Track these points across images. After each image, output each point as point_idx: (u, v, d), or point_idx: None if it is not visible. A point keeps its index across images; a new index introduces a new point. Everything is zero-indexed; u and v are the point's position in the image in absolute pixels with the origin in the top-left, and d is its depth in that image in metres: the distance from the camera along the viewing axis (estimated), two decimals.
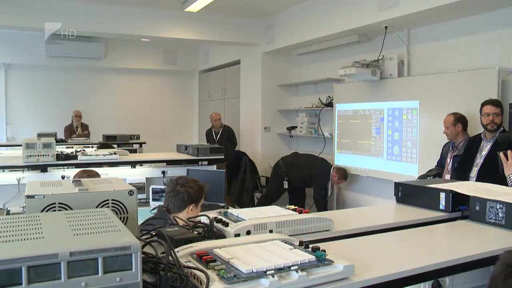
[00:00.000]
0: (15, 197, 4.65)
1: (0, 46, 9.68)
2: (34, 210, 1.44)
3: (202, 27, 8.09)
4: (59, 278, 1.01)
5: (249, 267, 1.30)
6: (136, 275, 1.08)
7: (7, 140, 9.94)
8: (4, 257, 0.96)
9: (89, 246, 1.04)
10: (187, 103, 11.81)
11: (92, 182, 1.68)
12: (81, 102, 10.37)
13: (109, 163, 4.85)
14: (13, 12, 6.95)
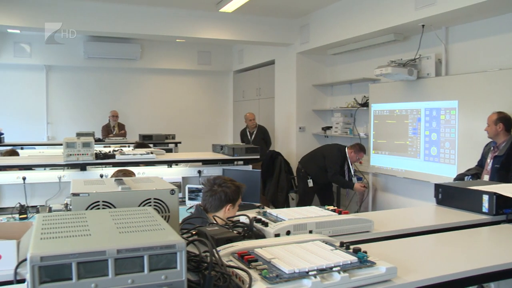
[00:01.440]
0: (56, 195, 4.77)
1: (42, 48, 9.96)
2: (79, 208, 1.47)
3: (237, 27, 8.12)
4: (107, 274, 1.03)
5: (291, 267, 1.29)
6: (181, 274, 1.08)
7: (47, 140, 10.23)
8: (56, 252, 0.99)
9: (135, 244, 1.05)
10: (222, 103, 11.88)
11: (133, 181, 1.70)
12: (118, 102, 10.59)
13: (146, 162, 4.91)
14: (53, 16, 7.14)
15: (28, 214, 4.46)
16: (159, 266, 1.07)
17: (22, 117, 10.13)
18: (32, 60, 10.04)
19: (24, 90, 10.22)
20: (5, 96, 10.05)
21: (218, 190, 2.88)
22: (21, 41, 9.86)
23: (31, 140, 9.31)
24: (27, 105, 10.24)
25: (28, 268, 0.97)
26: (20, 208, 4.48)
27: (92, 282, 1.01)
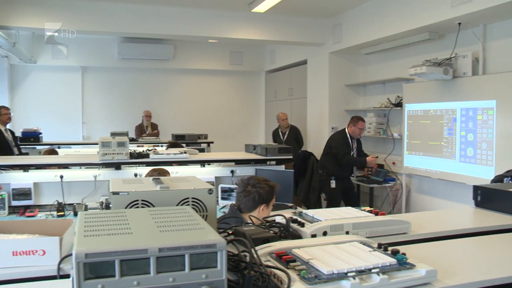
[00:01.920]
0: (92, 193, 4.86)
1: (78, 50, 10.22)
2: (118, 206, 1.49)
3: (269, 27, 8.13)
4: (149, 272, 1.04)
5: (330, 268, 1.28)
6: (221, 273, 1.09)
7: (83, 139, 10.46)
8: (100, 250, 1.01)
9: (176, 243, 1.06)
10: (254, 103, 11.91)
11: (171, 180, 1.72)
12: (151, 102, 10.74)
13: (179, 162, 4.96)
14: (88, 18, 7.29)
15: (65, 211, 4.56)
16: (200, 265, 1.08)
17: (59, 117, 10.39)
18: (69, 62, 10.29)
19: (61, 91, 10.48)
20: (43, 97, 10.33)
21: (252, 190, 2.88)
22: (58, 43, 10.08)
23: (67, 139, 9.53)
24: (64, 105, 10.50)
25: (74, 264, 0.99)
26: (57, 205, 4.60)
27: (134, 280, 1.03)
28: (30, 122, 9.20)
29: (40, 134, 8.19)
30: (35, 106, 10.25)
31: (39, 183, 4.79)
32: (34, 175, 4.80)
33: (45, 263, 1.54)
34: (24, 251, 1.53)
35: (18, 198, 4.69)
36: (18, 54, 8.78)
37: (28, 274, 1.53)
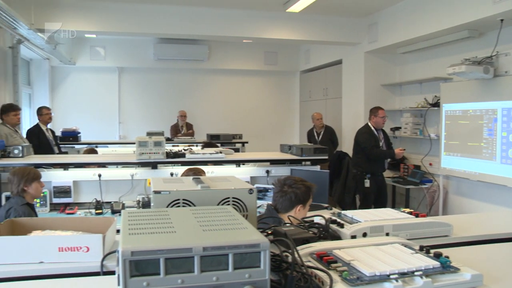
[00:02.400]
0: (128, 192, 4.95)
1: (115, 51, 10.44)
2: (160, 205, 1.51)
3: (304, 27, 8.10)
4: (193, 271, 1.05)
5: (372, 270, 1.27)
6: (264, 273, 1.09)
7: (119, 138, 10.66)
8: (145, 248, 1.02)
9: (220, 242, 1.07)
10: (288, 103, 11.88)
11: (211, 180, 1.73)
12: (186, 102, 10.85)
13: (214, 161, 4.99)
14: (125, 20, 7.42)
15: (103, 209, 4.66)
16: (243, 265, 1.08)
17: (96, 116, 10.62)
18: (106, 63, 10.51)
19: (98, 91, 10.71)
20: (82, 97, 10.58)
21: (289, 191, 2.87)
22: (97, 45, 10.34)
23: (104, 139, 9.73)
24: (101, 105, 10.72)
25: (120, 261, 1.01)
26: (96, 203, 4.71)
27: (178, 278, 1.04)
28: (69, 122, 9.42)
29: (79, 134, 8.38)
30: (74, 106, 10.50)
31: (79, 182, 4.91)
32: (74, 173, 4.93)
33: (89, 259, 1.58)
34: (69, 247, 1.57)
35: (58, 196, 4.82)
36: (58, 56, 9.01)
37: (72, 270, 1.57)
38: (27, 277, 1.54)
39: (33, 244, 1.59)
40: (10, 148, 4.81)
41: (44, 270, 1.57)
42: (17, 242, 1.60)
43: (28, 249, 1.58)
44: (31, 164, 4.50)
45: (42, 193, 4.21)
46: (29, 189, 3.85)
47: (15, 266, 1.58)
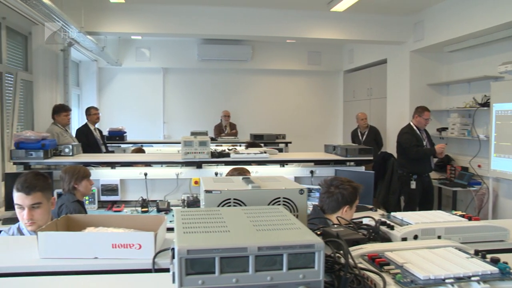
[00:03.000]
0: (173, 191, 5.02)
1: (160, 52, 10.64)
2: (211, 204, 1.53)
3: (348, 26, 8.01)
4: (247, 270, 1.05)
5: (426, 273, 1.24)
6: (319, 273, 1.09)
7: (164, 138, 10.85)
8: (201, 246, 1.03)
9: (275, 242, 1.07)
10: (331, 103, 11.79)
11: (260, 180, 1.73)
12: (229, 102, 10.93)
13: (258, 161, 5.00)
14: (170, 21, 7.55)
15: (149, 207, 4.74)
16: (297, 265, 1.08)
17: (141, 116, 10.84)
18: (151, 64, 10.71)
19: (143, 92, 10.93)
20: (128, 97, 10.83)
21: (335, 191, 2.85)
22: (142, 47, 10.55)
23: (149, 138, 9.92)
24: (146, 105, 10.94)
25: (176, 260, 1.03)
26: (142, 201, 4.79)
27: (233, 277, 1.05)
28: (115, 122, 9.64)
29: (125, 133, 8.57)
30: (120, 106, 10.75)
31: (125, 180, 5.02)
32: (121, 172, 5.04)
33: (140, 256, 1.61)
34: (122, 244, 1.60)
35: (106, 194, 4.95)
36: (106, 57, 9.24)
37: (125, 266, 1.60)
38: (82, 272, 1.59)
39: (88, 240, 1.63)
40: (61, 147, 4.97)
41: (98, 265, 1.61)
42: (73, 238, 1.64)
43: (84, 244, 1.63)
44: (80, 163, 4.64)
45: (91, 191, 4.32)
46: (79, 187, 3.97)
47: (71, 261, 1.63)
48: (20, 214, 2.54)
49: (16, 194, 2.53)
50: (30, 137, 4.64)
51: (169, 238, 1.81)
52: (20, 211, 2.53)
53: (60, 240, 1.63)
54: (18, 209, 2.54)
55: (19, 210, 2.54)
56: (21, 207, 2.53)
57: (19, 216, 2.55)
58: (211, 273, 1.04)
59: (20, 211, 2.54)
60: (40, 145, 4.66)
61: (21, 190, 2.52)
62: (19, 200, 2.53)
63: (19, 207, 2.53)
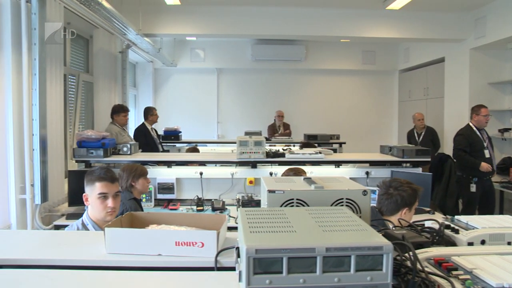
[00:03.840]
0: (228, 190, 5.07)
1: (214, 53, 10.80)
2: (274, 204, 1.53)
3: (404, 24, 7.83)
4: (315, 271, 1.05)
5: (499, 281, 1.20)
6: (386, 276, 1.07)
7: (217, 138, 10.98)
8: (269, 246, 1.04)
9: (343, 243, 1.06)
10: (386, 103, 11.56)
11: (322, 180, 1.72)
12: (283, 102, 10.94)
13: (313, 161, 4.97)
14: (224, 22, 7.63)
15: (204, 206, 4.80)
16: (365, 267, 1.06)
17: (196, 116, 11.02)
18: (205, 64, 10.87)
19: (198, 92, 11.11)
20: (183, 98, 11.03)
21: (394, 193, 2.80)
22: (196, 47, 10.73)
23: (203, 138, 10.07)
24: (201, 105, 11.11)
25: (244, 259, 1.03)
26: (197, 200, 4.86)
27: (300, 278, 1.04)
28: (170, 121, 9.84)
29: (180, 133, 8.72)
30: (175, 106, 10.96)
31: (181, 179, 5.11)
32: (177, 171, 5.13)
33: (203, 254, 1.63)
34: (185, 242, 1.63)
35: (162, 192, 5.06)
36: (161, 58, 9.45)
37: (188, 264, 1.63)
38: (146, 268, 1.63)
39: (152, 237, 1.68)
40: (119, 146, 5.13)
41: (161, 262, 1.65)
42: (138, 235, 1.69)
43: (148, 241, 1.67)
44: (138, 161, 4.76)
45: (148, 189, 4.42)
46: (136, 185, 4.07)
47: (136, 257, 1.67)
48: (103, 204, 2.63)
49: (100, 184, 2.63)
50: (91, 136, 4.81)
51: (229, 237, 1.83)
52: (103, 200, 2.63)
53: (126, 236, 1.68)
54: (100, 199, 2.63)
55: (101, 200, 2.63)
56: (106, 196, 2.64)
57: (100, 206, 2.63)
58: (279, 273, 1.04)
59: (102, 201, 2.63)
60: (100, 144, 4.82)
61: (106, 179, 2.65)
62: (105, 188, 2.63)
63: (103, 196, 2.63)
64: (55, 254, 1.75)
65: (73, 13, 5.45)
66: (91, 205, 2.63)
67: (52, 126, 4.63)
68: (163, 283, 1.50)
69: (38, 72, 4.24)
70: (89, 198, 2.64)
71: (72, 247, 1.84)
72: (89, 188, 2.63)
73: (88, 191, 2.63)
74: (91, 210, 2.65)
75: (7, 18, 4.09)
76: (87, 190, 2.65)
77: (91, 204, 2.63)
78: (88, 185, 2.64)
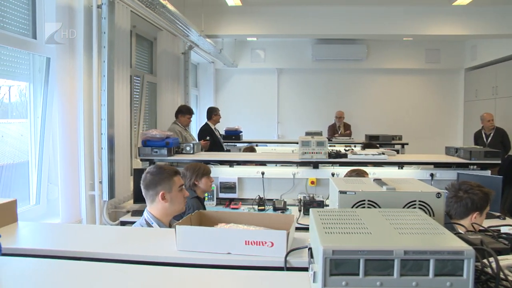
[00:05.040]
0: (290, 190, 5.06)
1: (274, 53, 10.85)
2: (345, 205, 1.51)
3: (472, 20, 7.55)
4: (392, 274, 1.03)
5: None
6: (467, 283, 1.04)
7: (277, 138, 11.01)
8: (346, 247, 1.03)
9: (422, 246, 1.03)
10: (451, 103, 11.18)
11: (392, 182, 1.69)
12: (343, 102, 10.82)
13: (375, 162, 4.87)
14: (284, 22, 7.63)
15: (265, 206, 4.81)
16: (444, 272, 1.04)
17: (256, 116, 11.09)
18: (266, 64, 10.93)
19: (258, 92, 11.19)
20: (243, 98, 11.16)
21: (464, 196, 2.70)
22: (257, 48, 10.80)
23: (263, 137, 10.11)
24: (261, 105, 11.18)
25: (320, 259, 1.03)
26: (258, 200, 4.87)
27: (377, 280, 1.03)
28: (231, 121, 9.94)
29: (241, 133, 8.81)
30: (235, 106, 11.08)
31: (243, 178, 5.15)
32: (239, 170, 5.18)
33: (272, 254, 1.64)
34: (255, 241, 1.64)
35: (224, 191, 5.12)
36: (223, 59, 9.58)
37: (257, 263, 1.64)
38: (216, 266, 1.65)
39: (222, 236, 1.70)
40: (182, 145, 5.23)
41: (231, 260, 1.67)
42: (209, 233, 1.72)
43: (218, 240, 1.69)
44: (200, 161, 4.84)
45: (211, 188, 4.48)
46: (200, 184, 4.14)
47: (206, 254, 1.70)
48: (182, 195, 2.74)
49: (177, 177, 2.73)
50: (156, 136, 4.93)
51: (297, 237, 1.83)
52: (182, 192, 2.74)
53: (196, 234, 1.71)
54: (181, 191, 2.73)
55: (181, 192, 2.74)
56: (182, 188, 2.75)
57: (181, 198, 2.73)
58: (355, 274, 1.03)
59: (182, 193, 2.74)
60: (164, 143, 4.93)
61: (179, 173, 2.77)
62: (181, 180, 2.77)
63: (182, 188, 2.74)
64: (129, 249, 1.81)
65: (138, 17, 5.62)
66: (171, 200, 2.65)
67: (119, 125, 4.79)
68: (233, 282, 1.52)
69: (107, 74, 4.40)
70: (168, 194, 2.66)
71: (143, 243, 1.90)
72: (165, 185, 2.65)
73: (166, 188, 2.65)
74: (168, 206, 2.67)
75: (80, 23, 4.27)
76: (163, 188, 2.66)
77: (171, 199, 2.65)
78: (164, 183, 2.65)
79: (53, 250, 1.81)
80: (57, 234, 2.13)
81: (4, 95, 3.92)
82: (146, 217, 2.68)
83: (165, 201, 2.65)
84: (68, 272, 1.54)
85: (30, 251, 1.79)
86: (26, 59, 3.99)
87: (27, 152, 4.10)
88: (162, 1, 4.98)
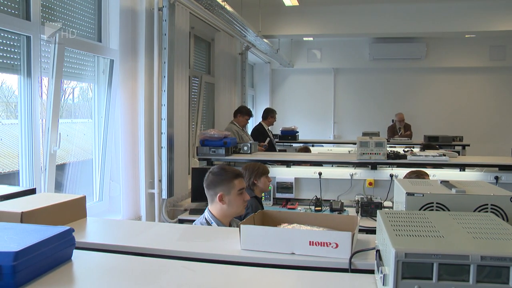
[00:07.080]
0: (347, 191, 5.01)
1: (330, 53, 10.78)
2: (413, 207, 1.49)
3: None
4: (467, 280, 1.00)
5: None
6: None
7: (333, 138, 10.92)
8: (419, 251, 1.01)
9: (500, 252, 1.00)
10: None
11: (461, 184, 1.64)
12: (402, 102, 10.61)
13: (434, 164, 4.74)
14: (342, 21, 7.59)
15: (322, 207, 4.78)
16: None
17: (312, 116, 11.07)
18: (322, 64, 10.88)
19: (314, 92, 11.16)
20: (299, 98, 11.17)
21: None
22: (313, 48, 10.76)
23: (319, 137, 10.06)
24: (317, 105, 11.15)
25: (392, 262, 1.02)
26: (315, 201, 4.85)
27: (451, 285, 1.00)
28: (287, 121, 9.96)
29: (297, 133, 8.79)
30: (291, 106, 11.10)
31: (299, 179, 5.14)
32: (296, 170, 5.18)
33: (337, 255, 1.62)
34: (319, 242, 1.64)
35: (281, 191, 5.13)
36: (279, 59, 9.60)
37: (321, 264, 1.63)
38: (280, 266, 1.66)
39: (286, 236, 1.70)
40: (240, 145, 5.28)
41: (294, 261, 1.67)
42: (272, 233, 1.73)
43: (282, 240, 1.70)
44: (258, 160, 4.86)
45: (269, 188, 4.49)
46: (258, 183, 4.16)
47: (270, 254, 1.71)
48: (242, 199, 2.73)
49: (238, 180, 2.72)
50: (214, 135, 5.00)
51: (360, 239, 1.81)
52: (241, 195, 2.73)
53: (260, 234, 1.73)
54: (240, 195, 2.72)
55: (241, 196, 2.72)
56: (242, 191, 2.74)
57: (240, 201, 2.72)
58: (428, 279, 1.01)
59: (242, 196, 2.73)
60: (222, 142, 4.99)
61: (241, 175, 2.76)
62: (242, 183, 2.75)
63: (242, 192, 2.73)
64: (193, 247, 1.85)
65: (197, 18, 5.72)
66: (228, 203, 2.67)
67: (178, 125, 4.90)
68: (298, 282, 1.52)
69: (167, 75, 4.50)
70: (226, 197, 2.67)
71: (206, 242, 1.93)
72: (224, 187, 2.67)
73: (224, 190, 2.67)
74: (225, 208, 2.69)
75: (142, 25, 4.40)
76: (221, 190, 2.67)
77: (229, 201, 2.67)
78: (223, 184, 2.67)
79: (122, 245, 1.87)
80: (123, 230, 2.20)
81: (68, 96, 4.10)
82: (207, 216, 2.72)
83: (222, 203, 2.67)
84: (138, 267, 1.58)
85: (101, 245, 1.87)
86: (91, 61, 4.15)
87: (91, 151, 4.27)
88: (221, 2, 5.05)
